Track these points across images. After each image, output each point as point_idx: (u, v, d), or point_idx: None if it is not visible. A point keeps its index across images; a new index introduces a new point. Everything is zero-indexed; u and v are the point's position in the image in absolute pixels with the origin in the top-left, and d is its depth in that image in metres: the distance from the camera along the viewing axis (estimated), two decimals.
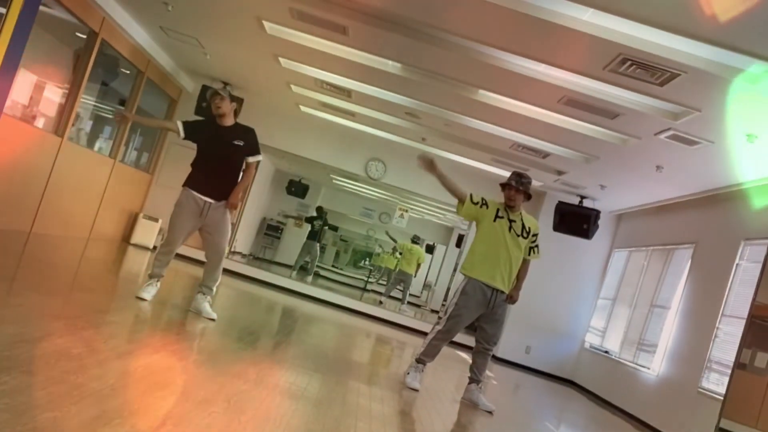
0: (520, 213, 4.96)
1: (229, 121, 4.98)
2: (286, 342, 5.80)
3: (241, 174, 5.08)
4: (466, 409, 4.91)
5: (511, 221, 4.89)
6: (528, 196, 4.93)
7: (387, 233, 14.28)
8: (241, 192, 5.07)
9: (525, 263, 5.01)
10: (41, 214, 7.07)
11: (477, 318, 4.96)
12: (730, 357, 5.82)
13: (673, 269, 7.88)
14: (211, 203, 4.90)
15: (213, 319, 5.02)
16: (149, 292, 4.91)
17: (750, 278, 5.98)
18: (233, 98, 5.05)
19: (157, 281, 4.98)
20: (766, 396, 5.00)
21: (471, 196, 4.94)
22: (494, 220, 4.87)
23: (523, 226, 4.92)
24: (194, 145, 5.01)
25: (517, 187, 4.87)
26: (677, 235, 7.97)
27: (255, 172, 5.24)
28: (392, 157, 10.50)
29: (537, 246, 5.02)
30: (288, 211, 17.62)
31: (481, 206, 4.91)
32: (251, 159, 5.06)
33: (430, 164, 4.88)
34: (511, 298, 4.95)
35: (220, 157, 4.95)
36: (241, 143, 4.97)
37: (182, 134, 4.95)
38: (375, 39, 5.80)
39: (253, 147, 5.04)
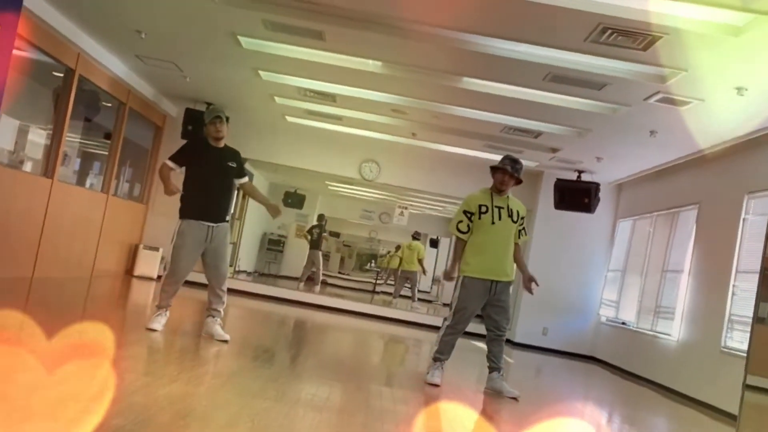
0: (507, 197, 4.93)
1: (222, 143, 4.98)
2: (302, 354, 5.76)
3: (233, 193, 5.17)
4: (491, 398, 4.86)
5: (498, 208, 4.86)
6: (519, 182, 4.91)
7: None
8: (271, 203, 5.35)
9: (516, 247, 5.01)
10: (41, 258, 7.03)
11: (483, 306, 4.94)
12: (750, 313, 5.77)
13: (680, 232, 7.84)
14: (214, 227, 4.88)
15: (226, 341, 4.97)
16: (159, 322, 4.86)
17: (758, 232, 5.93)
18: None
19: (166, 311, 4.94)
20: None
21: (462, 232, 4.90)
22: (479, 218, 4.86)
23: (510, 210, 4.89)
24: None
25: (512, 173, 4.84)
26: (680, 197, 7.93)
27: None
28: (385, 156, 10.45)
29: (524, 228, 5.04)
30: (288, 222, 17.55)
31: (469, 222, 4.88)
32: (241, 181, 5.11)
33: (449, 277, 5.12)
34: (532, 282, 4.96)
35: (217, 179, 4.95)
36: (234, 165, 5.00)
37: (178, 169, 4.97)
38: (352, 40, 5.76)
39: (241, 169, 5.12)
